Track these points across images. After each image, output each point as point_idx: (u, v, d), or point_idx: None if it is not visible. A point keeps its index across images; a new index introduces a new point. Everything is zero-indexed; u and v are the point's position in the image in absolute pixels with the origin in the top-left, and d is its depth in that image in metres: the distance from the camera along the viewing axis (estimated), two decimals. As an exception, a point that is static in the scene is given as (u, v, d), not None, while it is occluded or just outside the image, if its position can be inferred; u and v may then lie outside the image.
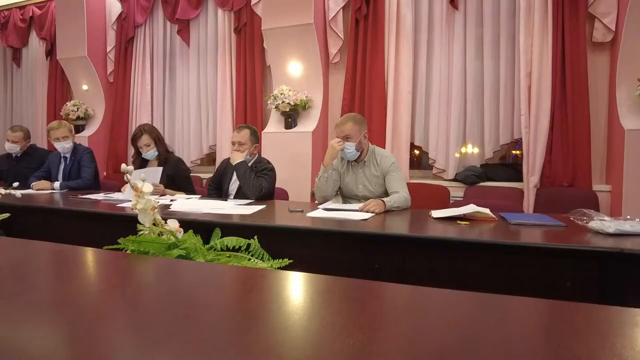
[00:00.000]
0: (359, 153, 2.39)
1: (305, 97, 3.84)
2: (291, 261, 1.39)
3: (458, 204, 2.61)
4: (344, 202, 2.55)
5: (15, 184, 2.28)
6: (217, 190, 2.97)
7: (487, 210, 1.91)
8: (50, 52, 5.70)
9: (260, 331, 0.64)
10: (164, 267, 1.09)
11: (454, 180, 3.70)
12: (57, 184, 3.20)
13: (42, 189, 3.13)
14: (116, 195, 2.71)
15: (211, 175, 4.42)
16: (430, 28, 3.80)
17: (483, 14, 3.61)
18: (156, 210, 1.42)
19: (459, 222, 1.80)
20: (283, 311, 0.74)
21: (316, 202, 3.63)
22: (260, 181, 2.66)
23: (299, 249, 1.64)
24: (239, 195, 2.76)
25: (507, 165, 3.78)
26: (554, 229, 1.67)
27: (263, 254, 1.49)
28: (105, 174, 5.13)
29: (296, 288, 0.92)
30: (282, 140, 3.88)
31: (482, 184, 3.61)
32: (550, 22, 3.23)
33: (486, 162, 3.69)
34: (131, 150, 5.02)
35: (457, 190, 3.57)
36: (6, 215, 2.18)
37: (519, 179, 3.52)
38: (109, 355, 0.57)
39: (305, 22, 3.77)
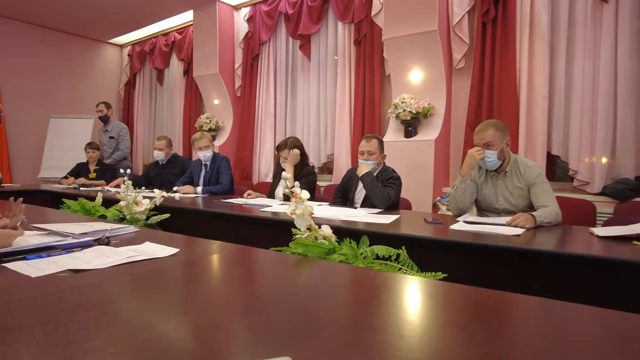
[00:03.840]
0: (500, 162, 2.23)
1: (428, 104, 3.74)
2: (446, 275, 1.34)
3: (615, 222, 2.30)
4: (480, 214, 2.40)
5: (175, 188, 2.58)
6: (342, 198, 3.02)
7: (667, 230, 1.64)
8: (187, 71, 6.44)
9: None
10: (341, 270, 1.13)
11: (600, 194, 3.27)
12: (199, 189, 3.56)
13: (187, 193, 3.51)
14: (253, 201, 2.92)
15: (328, 183, 4.57)
16: (570, 26, 3.44)
17: (641, 4, 3.16)
18: (312, 215, 1.49)
19: (635, 242, 1.57)
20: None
21: (439, 212, 3.51)
22: (387, 190, 2.66)
23: (442, 262, 1.57)
24: (366, 203, 2.77)
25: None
26: None
27: (412, 265, 1.47)
28: (233, 180, 5.61)
29: (446, 298, 0.88)
30: (402, 149, 3.82)
31: (637, 199, 3.13)
32: None
33: (642, 174, 3.20)
34: (256, 159, 5.45)
35: (603, 206, 3.14)
36: (166, 215, 2.49)
37: (687, 194, 2.99)
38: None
39: (429, 29, 3.69)
